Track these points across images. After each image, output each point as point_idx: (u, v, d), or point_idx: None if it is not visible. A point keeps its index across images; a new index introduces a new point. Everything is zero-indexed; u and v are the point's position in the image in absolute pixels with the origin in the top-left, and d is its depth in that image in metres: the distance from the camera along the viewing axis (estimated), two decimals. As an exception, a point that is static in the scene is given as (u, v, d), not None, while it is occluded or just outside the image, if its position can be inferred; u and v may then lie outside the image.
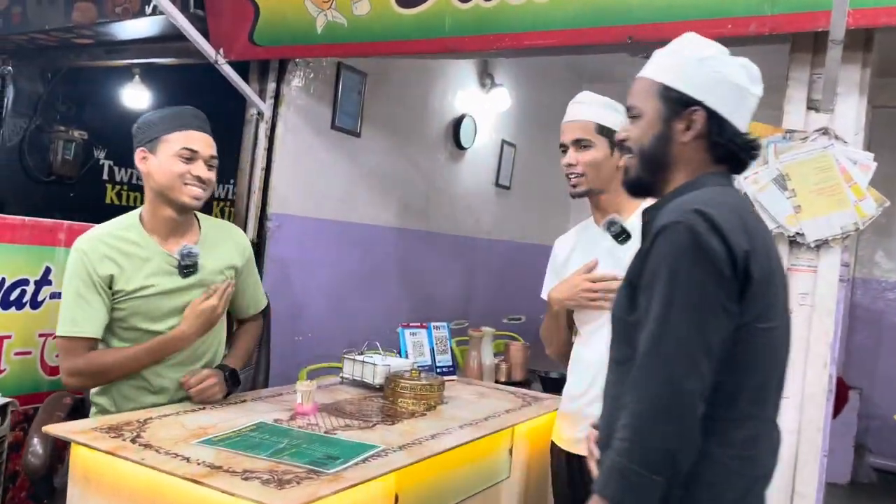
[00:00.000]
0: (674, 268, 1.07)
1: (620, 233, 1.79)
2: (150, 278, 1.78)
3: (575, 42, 2.36)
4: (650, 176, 1.26)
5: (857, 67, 2.21)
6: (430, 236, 4.43)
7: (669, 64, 1.24)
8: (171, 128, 1.80)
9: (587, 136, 1.80)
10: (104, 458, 1.37)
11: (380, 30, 2.70)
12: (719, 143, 1.21)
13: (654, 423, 1.05)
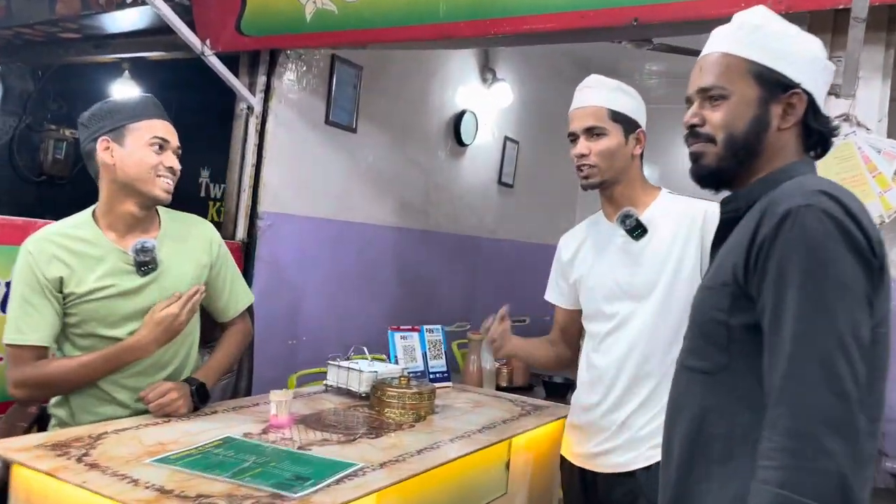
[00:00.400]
0: (816, 257, 0.93)
1: (636, 227, 1.65)
2: (104, 279, 1.64)
3: (577, 25, 2.22)
4: (736, 165, 1.11)
5: (881, 48, 2.05)
6: (430, 235, 4.29)
7: (758, 40, 1.10)
8: (139, 116, 1.68)
9: (599, 124, 1.66)
10: (47, 479, 1.23)
11: (371, 16, 2.57)
12: (815, 128, 1.11)
13: (821, 442, 0.87)
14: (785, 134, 1.09)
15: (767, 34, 1.10)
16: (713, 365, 1.04)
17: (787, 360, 0.92)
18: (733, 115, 1.09)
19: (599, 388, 1.64)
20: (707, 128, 1.12)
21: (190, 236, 1.79)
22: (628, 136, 1.68)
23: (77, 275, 1.62)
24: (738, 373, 1.01)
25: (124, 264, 1.66)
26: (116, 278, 1.65)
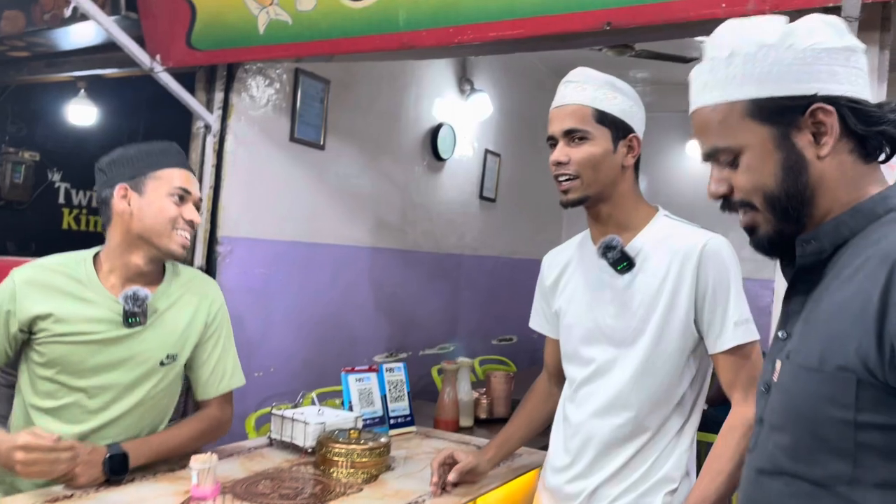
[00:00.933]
0: None
1: (620, 259, 1.39)
2: (87, 324, 1.53)
3: (547, 31, 2.05)
4: (796, 220, 0.90)
5: (875, 50, 1.89)
6: (408, 255, 4.11)
7: (739, 72, 0.89)
8: (161, 164, 1.59)
9: (583, 126, 1.39)
10: None
11: (327, 27, 2.39)
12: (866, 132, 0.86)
13: None
14: (830, 160, 0.87)
15: (745, 59, 0.88)
16: (831, 474, 0.81)
17: None
18: (758, 171, 0.89)
19: (571, 446, 1.43)
20: (738, 194, 0.92)
21: (191, 294, 1.67)
22: (618, 142, 1.41)
23: (59, 314, 1.52)
24: (866, 486, 0.79)
25: (113, 313, 1.55)
26: (100, 325, 1.54)
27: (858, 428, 0.78)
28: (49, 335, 1.52)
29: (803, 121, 0.87)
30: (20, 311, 1.52)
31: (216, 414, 1.69)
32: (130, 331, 1.55)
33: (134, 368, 1.57)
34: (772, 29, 0.89)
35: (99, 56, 3.39)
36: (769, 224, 0.90)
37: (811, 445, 0.83)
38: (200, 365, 1.68)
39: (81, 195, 4.87)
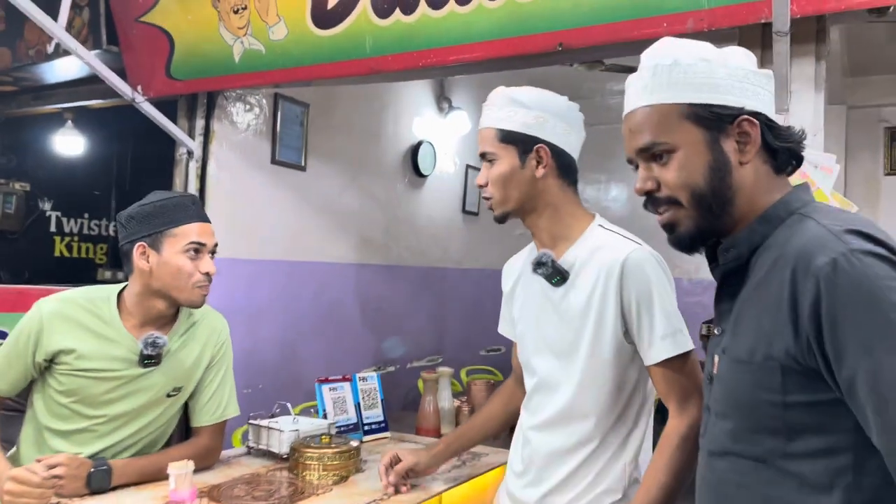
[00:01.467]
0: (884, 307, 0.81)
1: (552, 274, 1.42)
2: (107, 361, 1.65)
3: (503, 53, 2.17)
4: (713, 220, 0.98)
5: (811, 61, 2.02)
6: (393, 270, 4.20)
7: (680, 79, 0.99)
8: (176, 221, 1.68)
9: (489, 149, 1.45)
10: None
11: (299, 54, 2.51)
12: (779, 147, 0.98)
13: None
14: (750, 167, 0.97)
15: (687, 69, 0.98)
16: (767, 450, 0.91)
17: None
18: (687, 169, 0.97)
19: (525, 454, 1.48)
20: (665, 190, 1.00)
21: (199, 331, 1.78)
22: (525, 156, 1.43)
23: (81, 351, 1.62)
24: (797, 458, 0.88)
25: (130, 353, 1.66)
26: (118, 363, 1.64)
27: (787, 408, 0.87)
28: (70, 368, 1.62)
29: (731, 129, 0.97)
30: (45, 343, 1.62)
31: (206, 443, 1.76)
32: (145, 370, 1.65)
33: (142, 399, 1.68)
34: (709, 51, 1.01)
35: (84, 88, 3.49)
36: (691, 220, 0.98)
37: (749, 427, 0.92)
38: (199, 394, 1.78)
39: (73, 223, 4.97)
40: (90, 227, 5.09)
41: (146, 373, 1.67)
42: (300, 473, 1.64)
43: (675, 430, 1.32)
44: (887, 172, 5.05)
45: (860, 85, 5.10)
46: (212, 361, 1.78)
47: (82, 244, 5.04)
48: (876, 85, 5.07)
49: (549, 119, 1.45)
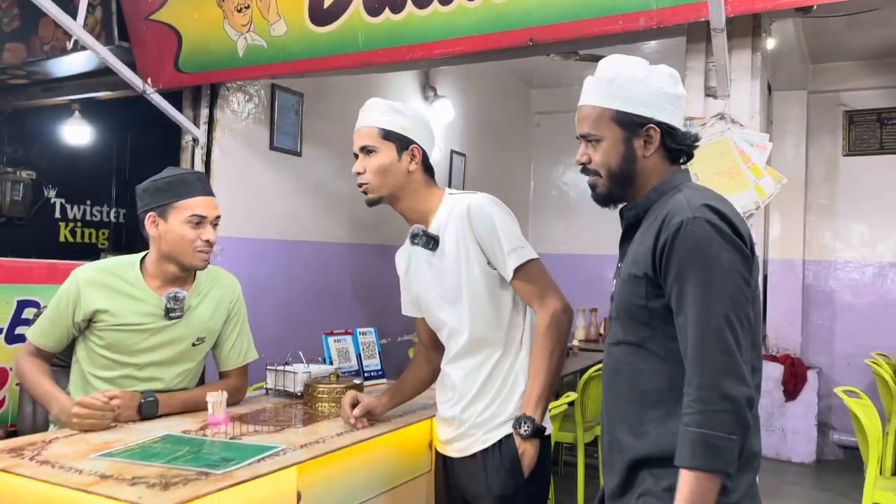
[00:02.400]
0: (705, 258, 1.21)
1: (428, 241, 1.74)
2: (137, 316, 1.89)
3: (480, 48, 2.44)
4: (621, 190, 1.39)
5: (748, 52, 2.30)
6: (384, 249, 4.47)
7: (615, 91, 1.36)
8: (181, 194, 1.90)
9: (371, 143, 1.75)
10: (3, 477, 1.40)
11: (298, 49, 2.77)
12: (674, 147, 1.38)
13: (723, 391, 1.16)
14: (651, 159, 1.36)
15: (621, 84, 1.35)
16: (640, 338, 1.31)
17: (692, 335, 1.20)
18: (608, 155, 1.36)
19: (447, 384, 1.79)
20: (593, 165, 1.38)
21: (215, 289, 2.04)
22: (401, 152, 1.74)
23: (113, 310, 1.88)
24: (659, 341, 1.29)
25: (156, 308, 1.91)
26: (147, 318, 1.90)
27: (649, 309, 1.29)
28: (106, 325, 1.89)
29: (641, 132, 1.35)
30: (83, 305, 1.88)
31: (234, 383, 2.04)
32: (170, 322, 1.92)
33: (172, 349, 1.94)
34: (640, 70, 1.37)
35: (92, 81, 3.73)
36: (605, 187, 1.40)
37: (630, 323, 1.33)
38: (222, 343, 2.05)
39: (76, 209, 5.21)
40: (92, 213, 5.33)
41: (171, 325, 1.91)
42: (313, 405, 1.94)
43: (540, 323, 1.68)
44: (846, 153, 5.38)
45: (820, 71, 5.42)
46: (229, 315, 2.05)
47: (85, 229, 5.27)
48: (835, 71, 5.39)
49: (419, 126, 1.80)
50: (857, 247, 5.35)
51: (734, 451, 1.17)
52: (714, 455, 1.15)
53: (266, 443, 1.57)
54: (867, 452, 3.00)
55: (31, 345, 1.93)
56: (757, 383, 1.28)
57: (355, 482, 1.69)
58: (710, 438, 1.16)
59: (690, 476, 1.17)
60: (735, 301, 1.20)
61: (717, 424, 1.16)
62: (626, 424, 1.32)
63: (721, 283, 1.20)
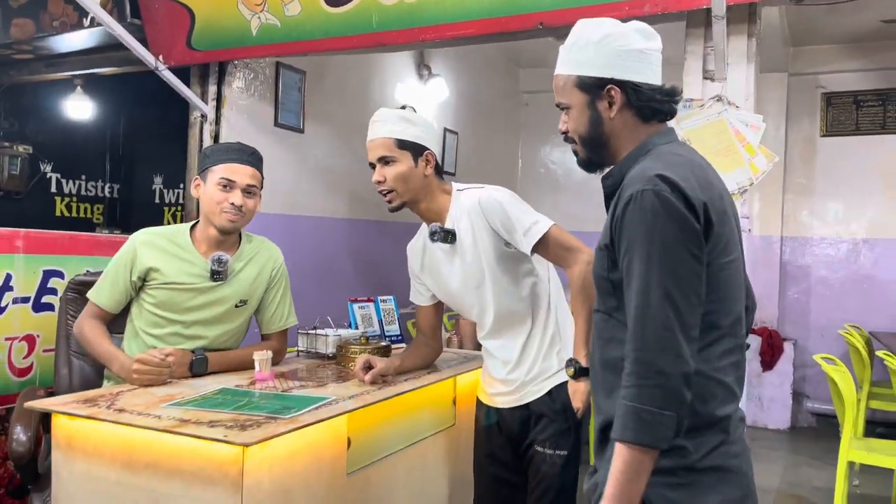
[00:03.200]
0: (648, 229, 1.19)
1: (445, 237, 1.89)
2: (185, 276, 2.04)
3: (491, 31, 2.56)
4: (597, 155, 1.39)
5: (744, 38, 2.45)
6: (381, 225, 4.59)
7: (575, 57, 1.36)
8: (217, 160, 2.05)
9: (389, 153, 1.87)
10: (83, 424, 1.53)
11: (312, 29, 2.86)
12: (641, 105, 1.35)
13: (659, 366, 1.16)
14: (618, 119, 1.35)
15: (577, 49, 1.36)
16: (608, 307, 1.34)
17: (633, 308, 1.20)
18: (577, 121, 1.38)
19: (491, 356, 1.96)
20: (570, 133, 1.41)
21: (259, 256, 2.17)
22: (417, 159, 1.87)
23: (165, 268, 2.02)
24: (623, 311, 1.29)
25: (203, 270, 2.05)
26: (194, 278, 2.04)
27: (611, 280, 1.31)
28: (157, 283, 2.02)
29: (603, 93, 1.33)
30: (139, 264, 2.02)
31: (275, 345, 2.15)
32: (215, 284, 2.06)
33: (216, 309, 2.07)
34: (599, 31, 1.35)
35: (96, 57, 3.77)
36: (584, 152, 1.41)
37: (600, 293, 1.37)
38: (265, 308, 2.19)
39: (71, 184, 5.24)
40: (87, 188, 5.36)
41: (216, 286, 2.05)
42: (346, 365, 2.08)
43: (575, 277, 1.80)
44: (823, 134, 5.60)
45: (800, 54, 5.61)
46: (271, 282, 2.18)
47: (81, 204, 5.31)
48: (815, 54, 5.59)
49: (428, 132, 1.94)
50: (833, 224, 5.59)
51: (667, 427, 1.15)
52: (644, 429, 1.15)
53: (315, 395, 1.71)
54: (843, 416, 3.22)
55: (92, 306, 2.04)
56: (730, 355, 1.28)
57: (392, 432, 1.85)
58: (641, 413, 1.15)
59: (622, 448, 1.17)
60: (678, 276, 1.19)
61: (648, 399, 1.15)
62: (600, 389, 1.36)
63: (663, 258, 1.19)
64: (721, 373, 1.28)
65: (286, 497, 1.47)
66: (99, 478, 1.51)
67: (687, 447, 1.22)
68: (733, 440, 1.29)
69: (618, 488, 1.18)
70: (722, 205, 1.30)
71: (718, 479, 1.26)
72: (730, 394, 1.30)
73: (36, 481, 2.04)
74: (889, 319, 5.29)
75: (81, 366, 2.28)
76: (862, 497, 3.87)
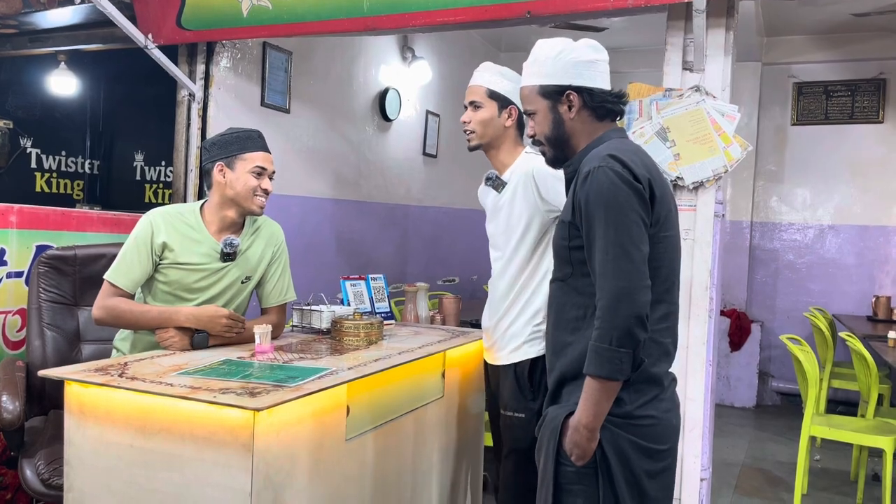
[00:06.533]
0: (605, 198, 1.43)
1: (496, 183, 2.16)
2: (196, 256, 2.12)
3: (481, 18, 2.63)
4: (561, 152, 1.62)
5: (722, 31, 2.56)
6: (363, 206, 4.67)
7: (537, 70, 1.61)
8: (247, 148, 2.15)
9: (479, 99, 2.14)
10: (96, 392, 1.60)
11: (303, 11, 2.91)
12: (595, 106, 1.61)
13: (616, 310, 1.39)
14: (577, 119, 1.60)
15: (538, 64, 1.61)
16: (564, 274, 1.57)
17: (598, 265, 1.44)
18: (541, 124, 1.63)
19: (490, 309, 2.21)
20: (538, 135, 1.66)
21: (262, 234, 2.26)
22: (502, 110, 2.13)
23: (177, 249, 2.09)
24: (577, 277, 1.54)
25: (213, 251, 2.13)
26: (205, 258, 2.12)
27: (571, 249, 1.53)
28: (169, 262, 2.09)
29: (563, 99, 1.59)
30: (155, 240, 2.08)
31: (274, 319, 2.24)
32: (224, 264, 2.15)
33: (223, 286, 2.16)
34: (555, 48, 1.61)
35: (81, 33, 3.76)
36: (549, 151, 1.65)
37: (557, 262, 1.59)
38: (265, 282, 2.27)
39: (52, 160, 5.21)
40: (67, 164, 5.34)
41: (225, 266, 2.14)
42: (341, 339, 2.17)
43: None
44: (794, 123, 5.78)
45: (774, 44, 5.76)
46: (273, 258, 2.27)
47: (61, 180, 5.29)
48: (788, 44, 5.74)
49: (516, 91, 2.07)
50: (800, 210, 5.79)
51: (623, 362, 1.39)
52: (604, 364, 1.39)
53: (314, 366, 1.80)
54: (806, 393, 3.40)
55: (110, 288, 2.06)
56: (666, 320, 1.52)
57: (387, 402, 1.94)
58: (601, 351, 1.40)
59: (589, 381, 1.43)
60: (631, 234, 1.42)
61: (608, 339, 1.39)
62: (552, 349, 1.59)
63: (617, 219, 1.42)
64: (658, 334, 1.52)
65: (292, 460, 1.56)
66: (112, 442, 1.59)
67: (623, 399, 1.46)
68: (665, 396, 1.54)
69: (585, 412, 1.44)
70: (662, 186, 1.55)
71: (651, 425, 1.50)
72: (664, 353, 1.55)
73: (21, 448, 2.13)
74: (851, 302, 5.52)
75: (54, 336, 2.37)
76: (822, 471, 4.08)
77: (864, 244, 5.58)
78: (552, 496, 1.51)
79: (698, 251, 2.55)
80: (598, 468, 1.48)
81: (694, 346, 2.56)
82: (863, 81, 5.54)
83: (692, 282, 2.54)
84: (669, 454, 1.57)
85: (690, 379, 2.55)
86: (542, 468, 1.55)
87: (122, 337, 2.19)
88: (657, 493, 1.54)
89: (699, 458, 2.56)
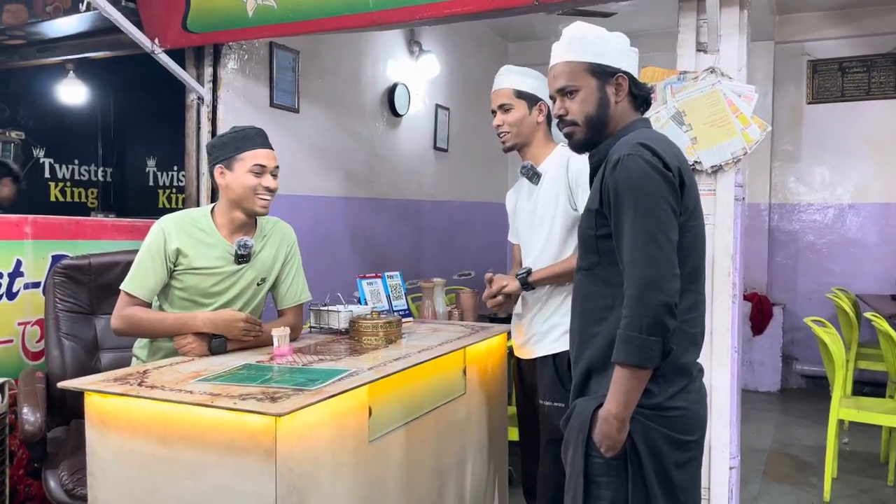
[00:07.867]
0: (635, 186, 1.41)
1: (532, 174, 2.21)
2: (211, 260, 2.10)
3: (488, 7, 2.59)
4: (597, 134, 1.58)
5: (736, 10, 2.50)
6: (376, 202, 4.65)
7: (586, 48, 1.57)
8: (243, 147, 2.11)
9: (508, 101, 2.19)
10: (116, 402, 1.60)
11: (308, 9, 2.88)
12: (636, 94, 1.60)
13: (646, 299, 1.37)
14: (621, 104, 1.58)
15: (586, 42, 1.57)
16: (590, 264, 1.55)
17: (626, 252, 1.42)
18: (585, 103, 1.57)
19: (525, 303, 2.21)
20: (570, 116, 1.59)
21: (275, 235, 2.25)
22: (531, 108, 2.20)
23: (191, 255, 2.07)
24: (604, 266, 1.52)
25: (227, 254, 2.12)
26: (219, 262, 2.11)
27: (597, 238, 1.51)
28: (184, 268, 2.08)
29: (612, 80, 1.57)
30: (169, 247, 2.06)
31: (291, 320, 2.22)
32: (239, 267, 2.12)
33: (238, 289, 2.14)
34: (604, 32, 1.60)
35: (89, 41, 3.76)
36: (582, 134, 1.60)
37: (583, 251, 1.58)
38: (280, 284, 2.25)
39: (65, 169, 5.24)
40: (80, 172, 5.36)
41: (239, 269, 2.12)
42: (359, 339, 2.15)
43: None
44: (809, 101, 5.68)
45: (787, 22, 5.66)
46: (286, 259, 2.25)
47: (74, 189, 5.32)
48: (801, 21, 5.64)
49: (543, 87, 2.18)
50: (819, 189, 5.70)
51: (653, 350, 1.37)
52: (634, 352, 1.37)
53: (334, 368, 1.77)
54: (833, 376, 3.34)
55: (127, 298, 2.04)
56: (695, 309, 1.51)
57: (410, 402, 1.92)
58: (632, 339, 1.38)
59: (619, 369, 1.41)
60: (661, 222, 1.40)
61: (637, 327, 1.37)
62: (579, 339, 1.57)
63: (647, 207, 1.40)
64: (686, 324, 1.49)
65: (315, 464, 1.55)
66: (133, 451, 1.58)
67: (653, 390, 1.44)
68: (694, 387, 1.53)
69: (615, 402, 1.42)
70: (691, 176, 1.53)
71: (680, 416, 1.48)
72: (692, 343, 1.53)
73: (44, 459, 2.12)
74: (875, 282, 5.42)
75: (72, 346, 2.36)
76: (851, 454, 4.01)
77: (885, 222, 5.48)
78: (582, 488, 1.48)
79: (719, 236, 2.50)
80: (628, 460, 1.45)
81: (718, 332, 2.51)
82: (878, 56, 5.43)
83: (714, 267, 2.49)
84: (697, 445, 1.55)
85: (716, 366, 2.50)
86: (570, 461, 1.53)
87: (140, 345, 2.19)
88: (686, 483, 1.52)
89: (727, 446, 2.52)
